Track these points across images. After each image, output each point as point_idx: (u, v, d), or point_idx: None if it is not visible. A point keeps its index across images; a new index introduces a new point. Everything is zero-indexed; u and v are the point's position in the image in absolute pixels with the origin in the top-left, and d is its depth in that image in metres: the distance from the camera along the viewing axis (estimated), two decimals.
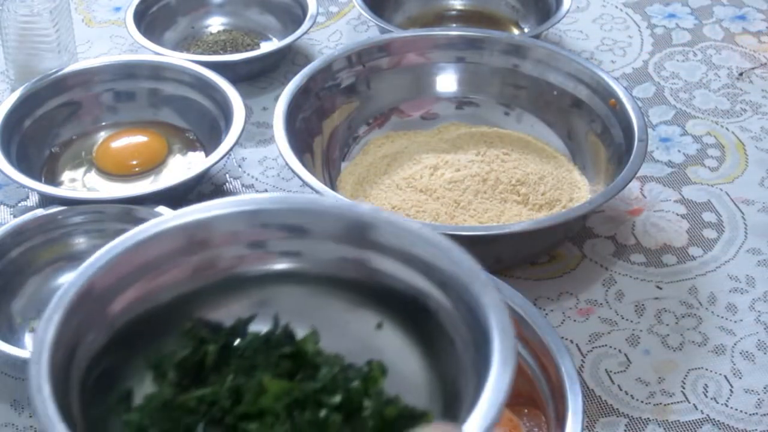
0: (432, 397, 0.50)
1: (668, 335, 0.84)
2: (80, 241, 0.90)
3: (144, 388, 0.49)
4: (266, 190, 0.99)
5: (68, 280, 0.50)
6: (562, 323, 0.86)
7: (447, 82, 1.05)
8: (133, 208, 0.89)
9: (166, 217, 0.53)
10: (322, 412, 0.45)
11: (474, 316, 0.48)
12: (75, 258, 0.89)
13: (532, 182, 0.94)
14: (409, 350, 0.52)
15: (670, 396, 0.80)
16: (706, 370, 0.82)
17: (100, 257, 0.50)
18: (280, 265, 0.53)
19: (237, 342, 0.49)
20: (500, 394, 0.44)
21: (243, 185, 1.00)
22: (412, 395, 0.48)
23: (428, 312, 0.51)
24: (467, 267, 0.49)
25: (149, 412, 0.47)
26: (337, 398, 0.45)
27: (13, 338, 0.83)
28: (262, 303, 0.52)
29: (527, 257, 0.90)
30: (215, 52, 1.14)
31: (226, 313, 0.51)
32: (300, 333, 0.50)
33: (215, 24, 1.21)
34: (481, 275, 0.49)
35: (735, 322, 0.86)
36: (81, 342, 0.48)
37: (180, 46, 1.17)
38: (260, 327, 0.50)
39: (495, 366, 0.45)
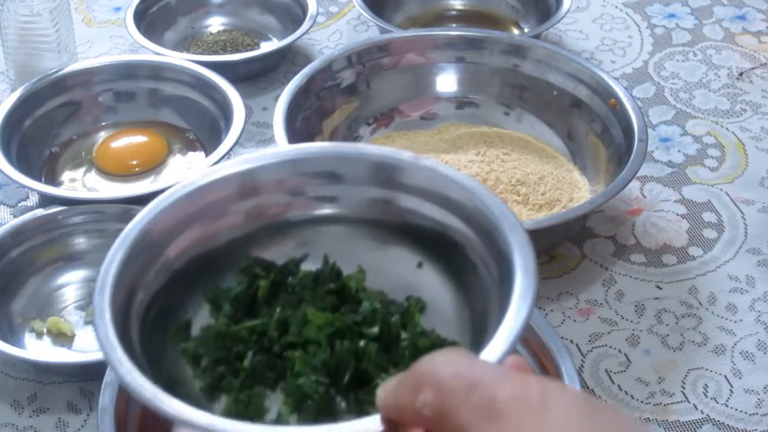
0: (463, 330, 0.53)
1: (668, 335, 0.84)
2: (80, 241, 0.90)
3: (200, 321, 0.53)
4: None
5: (130, 224, 0.54)
6: (562, 323, 0.86)
7: (447, 82, 1.05)
8: (133, 208, 0.89)
9: (220, 167, 0.57)
10: (361, 342, 0.49)
11: (500, 252, 0.51)
12: (75, 258, 0.89)
13: (532, 182, 0.94)
14: (444, 287, 0.55)
15: (670, 396, 0.80)
16: (706, 370, 0.82)
17: (160, 203, 0.55)
18: (322, 211, 0.58)
19: (289, 280, 0.54)
20: (516, 326, 0.47)
21: None
22: (445, 328, 0.52)
23: (458, 249, 0.54)
24: (495, 206, 0.53)
25: (204, 341, 0.51)
26: (375, 329, 0.50)
27: (13, 338, 0.83)
28: (308, 245, 0.57)
29: None
30: (215, 52, 1.14)
31: (275, 254, 0.56)
32: (346, 272, 0.54)
33: (215, 24, 1.21)
34: (510, 216, 0.52)
35: (735, 322, 0.86)
36: (141, 281, 0.53)
37: (180, 46, 1.17)
38: (310, 266, 0.55)
39: (514, 300, 0.48)
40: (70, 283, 0.88)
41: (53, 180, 0.98)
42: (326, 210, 0.58)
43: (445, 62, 1.04)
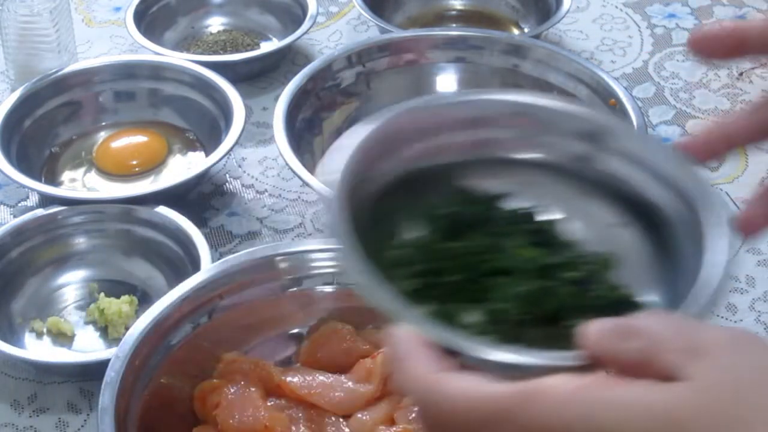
0: (656, 290, 0.53)
1: None
2: (80, 241, 0.90)
3: (408, 233, 0.55)
4: (266, 191, 0.99)
5: (371, 124, 0.54)
6: None
7: (447, 82, 1.05)
8: (133, 208, 0.89)
9: (460, 94, 0.63)
10: (560, 284, 0.51)
11: (697, 228, 0.51)
12: (75, 258, 0.89)
13: None
14: (642, 249, 0.56)
15: None
16: None
17: (402, 111, 0.56)
18: (535, 155, 0.58)
19: (494, 213, 0.56)
20: (710, 289, 0.47)
21: (243, 185, 1.00)
22: (639, 285, 0.53)
23: (659, 217, 0.55)
24: (702, 183, 0.54)
25: (414, 250, 0.53)
26: (574, 274, 0.52)
27: (13, 338, 0.83)
28: (520, 185, 0.58)
29: None
30: (215, 52, 1.14)
31: (488, 186, 0.58)
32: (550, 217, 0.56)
33: (215, 24, 1.21)
34: (715, 195, 0.53)
35: (735, 322, 0.86)
36: (371, 173, 0.54)
37: (180, 46, 1.17)
38: (517, 204, 0.57)
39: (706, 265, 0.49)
40: (70, 283, 0.88)
41: (53, 180, 0.98)
42: (536, 155, 0.58)
43: (445, 62, 1.04)
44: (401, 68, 1.04)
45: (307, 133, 0.96)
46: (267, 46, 1.16)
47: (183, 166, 1.00)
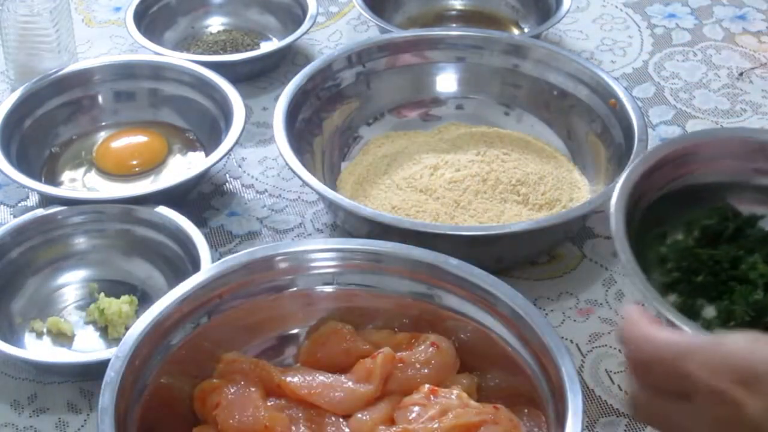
0: None
1: None
2: (80, 241, 0.90)
3: (674, 237, 0.70)
4: (266, 191, 0.99)
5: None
6: (562, 323, 0.86)
7: (447, 82, 1.05)
8: (133, 208, 0.89)
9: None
10: None
11: None
12: (75, 258, 0.89)
13: (532, 182, 0.94)
14: None
15: None
16: None
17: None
18: None
19: (747, 230, 0.68)
20: None
21: (243, 185, 1.00)
22: None
23: None
24: None
25: (673, 250, 0.68)
26: None
27: (13, 338, 0.83)
28: None
29: (527, 257, 0.90)
30: (215, 52, 1.14)
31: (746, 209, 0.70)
32: None
33: (215, 24, 1.21)
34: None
35: None
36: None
37: (180, 46, 1.17)
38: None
39: None
40: (70, 283, 0.88)
41: (53, 180, 0.98)
42: None
43: (445, 62, 1.04)
44: (401, 68, 1.04)
45: (307, 133, 0.96)
46: (267, 46, 1.16)
47: (183, 166, 1.00)
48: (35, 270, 0.88)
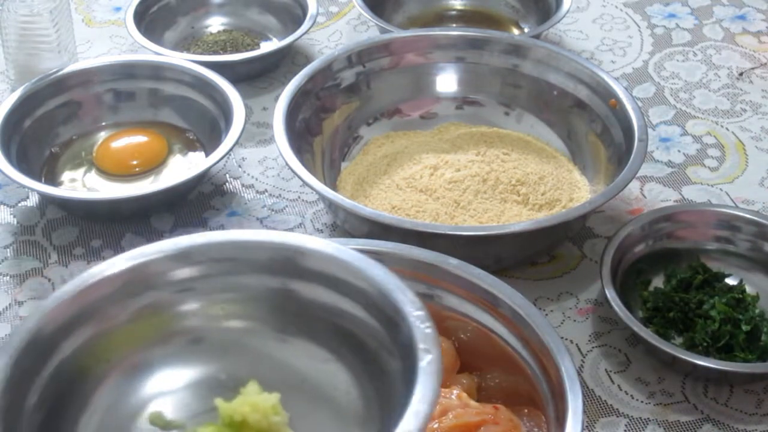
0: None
1: None
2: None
3: (655, 284, 0.87)
4: (266, 191, 0.99)
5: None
6: (562, 323, 0.86)
7: (447, 82, 1.05)
8: None
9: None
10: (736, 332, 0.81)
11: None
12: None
13: (532, 182, 0.94)
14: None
15: (670, 396, 0.80)
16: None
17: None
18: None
19: (714, 283, 0.85)
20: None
21: (243, 185, 1.00)
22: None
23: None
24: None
25: (655, 294, 0.85)
26: (747, 327, 0.81)
27: None
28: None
29: (527, 257, 0.90)
30: (215, 52, 1.14)
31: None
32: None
33: (215, 24, 1.21)
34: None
35: None
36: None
37: (180, 46, 1.17)
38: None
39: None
40: None
41: (53, 180, 0.98)
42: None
43: (445, 62, 1.04)
44: (401, 68, 1.04)
45: (307, 133, 0.96)
46: (267, 46, 1.16)
47: (183, 166, 1.00)
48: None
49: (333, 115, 1.00)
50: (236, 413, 0.50)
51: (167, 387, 0.55)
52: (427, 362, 0.47)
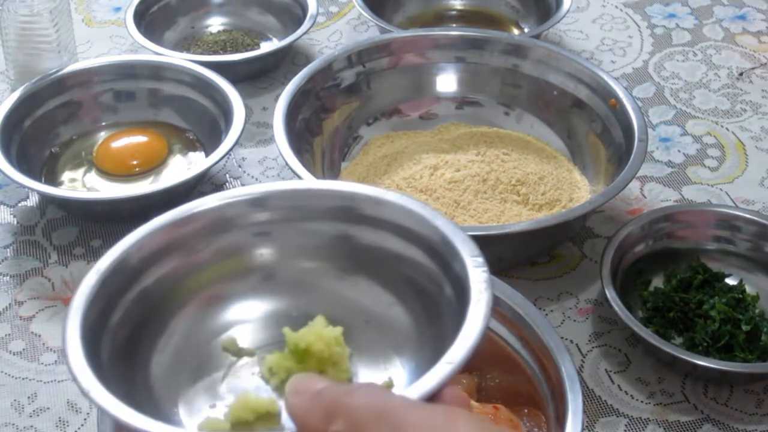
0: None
1: None
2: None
3: (655, 284, 0.87)
4: None
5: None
6: (562, 323, 0.86)
7: (447, 82, 1.05)
8: None
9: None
10: (737, 331, 0.81)
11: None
12: None
13: (532, 182, 0.94)
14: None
15: (670, 396, 0.80)
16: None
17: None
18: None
19: (715, 283, 0.85)
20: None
21: (243, 185, 1.00)
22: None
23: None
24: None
25: (655, 294, 0.85)
26: (747, 327, 0.81)
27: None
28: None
29: (527, 257, 0.90)
30: (215, 52, 1.14)
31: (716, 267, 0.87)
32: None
33: (215, 24, 1.21)
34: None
35: None
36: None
37: (180, 46, 1.17)
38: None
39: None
40: None
41: (53, 180, 0.98)
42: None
43: (445, 62, 1.04)
44: (401, 68, 1.04)
45: (307, 133, 0.96)
46: (267, 46, 1.16)
47: (183, 166, 1.00)
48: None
49: (333, 115, 1.00)
50: (301, 341, 0.52)
51: (241, 318, 0.58)
52: (476, 301, 0.51)
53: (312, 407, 0.46)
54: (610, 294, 0.81)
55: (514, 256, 0.89)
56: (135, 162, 1.00)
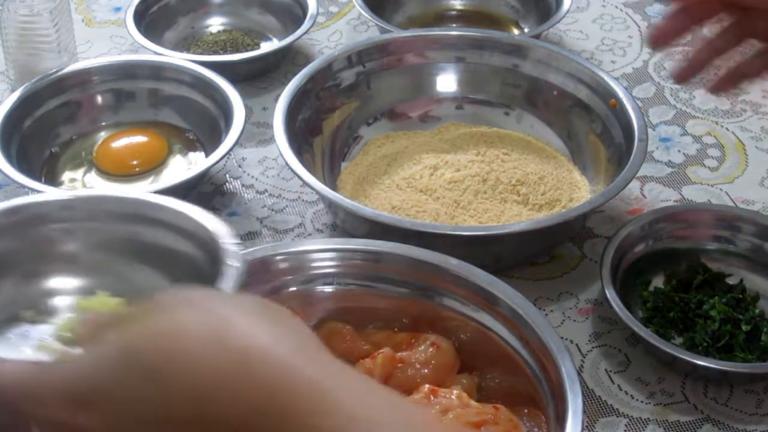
0: None
1: None
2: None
3: (655, 284, 0.87)
4: (266, 191, 0.99)
5: None
6: (562, 323, 0.86)
7: (447, 82, 1.05)
8: None
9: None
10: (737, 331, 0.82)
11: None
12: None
13: (532, 182, 0.94)
14: None
15: (670, 396, 0.80)
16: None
17: None
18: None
19: (715, 283, 0.86)
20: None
21: (243, 185, 1.00)
22: None
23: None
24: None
25: (655, 294, 0.85)
26: (747, 327, 0.82)
27: None
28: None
29: (527, 257, 0.90)
30: (215, 52, 1.14)
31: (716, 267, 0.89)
32: None
33: (215, 24, 1.21)
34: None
35: None
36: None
37: (180, 46, 1.17)
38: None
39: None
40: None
41: (53, 180, 0.98)
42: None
43: (445, 62, 1.04)
44: (401, 68, 1.04)
45: (307, 133, 0.96)
46: (267, 46, 1.16)
47: (183, 166, 1.00)
48: None
49: (333, 115, 1.00)
50: (88, 305, 0.64)
51: (46, 293, 0.68)
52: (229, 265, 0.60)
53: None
54: (610, 294, 0.81)
55: (514, 256, 0.89)
56: (135, 162, 1.00)
